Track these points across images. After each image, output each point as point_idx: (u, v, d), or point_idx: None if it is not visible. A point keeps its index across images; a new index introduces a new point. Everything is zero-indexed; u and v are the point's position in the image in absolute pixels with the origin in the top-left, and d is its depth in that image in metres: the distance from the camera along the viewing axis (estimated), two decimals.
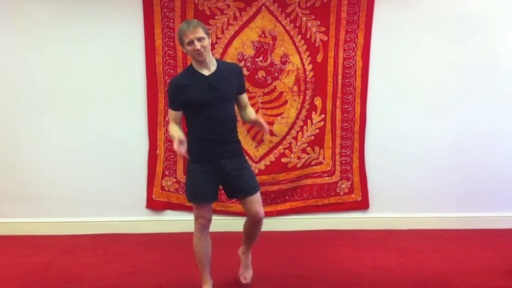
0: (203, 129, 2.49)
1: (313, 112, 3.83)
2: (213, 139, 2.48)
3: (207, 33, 2.44)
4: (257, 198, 2.58)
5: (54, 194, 3.81)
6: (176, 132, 2.48)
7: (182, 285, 2.83)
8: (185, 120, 2.63)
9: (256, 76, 3.72)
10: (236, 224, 2.87)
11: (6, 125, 3.75)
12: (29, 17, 3.63)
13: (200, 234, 2.60)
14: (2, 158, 3.78)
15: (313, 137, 3.86)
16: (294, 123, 3.83)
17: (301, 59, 3.76)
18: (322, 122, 3.85)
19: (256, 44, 3.73)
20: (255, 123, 2.63)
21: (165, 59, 3.70)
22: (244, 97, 2.63)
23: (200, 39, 2.38)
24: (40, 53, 3.68)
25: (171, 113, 2.55)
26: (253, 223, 2.64)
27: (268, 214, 3.85)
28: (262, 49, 3.74)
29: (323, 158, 3.90)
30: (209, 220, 2.61)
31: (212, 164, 2.52)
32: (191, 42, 2.38)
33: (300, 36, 3.73)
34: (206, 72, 2.49)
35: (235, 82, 2.55)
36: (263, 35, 3.72)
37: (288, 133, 3.85)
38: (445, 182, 3.90)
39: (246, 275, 2.79)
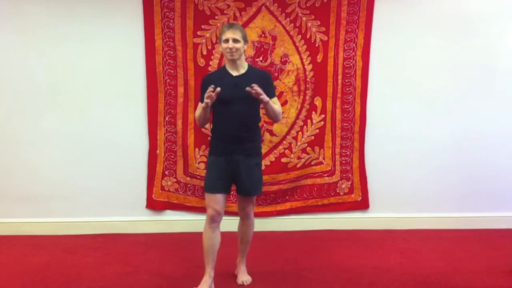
0: (222, 123, 2.68)
1: (313, 112, 3.83)
2: (230, 134, 2.65)
3: (245, 40, 2.65)
4: (252, 198, 2.80)
5: (54, 194, 3.81)
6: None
7: (182, 285, 2.82)
8: (211, 115, 2.75)
9: None
10: (236, 224, 2.88)
11: (6, 125, 3.75)
12: (29, 17, 3.64)
13: (209, 226, 2.67)
14: (2, 158, 3.78)
15: (313, 137, 3.86)
16: (294, 123, 3.83)
17: (301, 59, 3.76)
18: (322, 122, 3.85)
19: (256, 44, 3.73)
20: (266, 108, 2.67)
21: (165, 59, 3.70)
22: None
23: (235, 40, 2.58)
24: (40, 53, 3.68)
25: (199, 106, 2.70)
26: (242, 218, 2.84)
27: (268, 214, 3.86)
28: (262, 49, 3.74)
29: (323, 158, 3.90)
30: (218, 213, 2.66)
31: (227, 158, 2.66)
32: (226, 40, 2.59)
33: (300, 36, 3.73)
34: (234, 73, 2.69)
35: (259, 86, 2.63)
36: (263, 35, 3.72)
37: (288, 133, 3.85)
38: (445, 182, 3.90)
39: (244, 280, 2.86)
